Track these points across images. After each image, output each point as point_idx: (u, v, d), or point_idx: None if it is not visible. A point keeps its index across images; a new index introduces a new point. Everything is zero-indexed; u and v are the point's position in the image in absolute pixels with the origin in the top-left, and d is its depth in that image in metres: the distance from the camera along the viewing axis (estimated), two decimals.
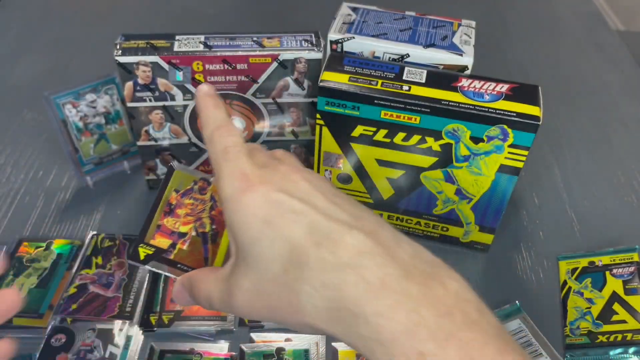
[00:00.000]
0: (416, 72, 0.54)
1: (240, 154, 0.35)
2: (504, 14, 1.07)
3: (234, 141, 0.36)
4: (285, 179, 0.34)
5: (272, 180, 0.34)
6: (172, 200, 0.48)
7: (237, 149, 0.36)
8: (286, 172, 0.35)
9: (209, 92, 0.39)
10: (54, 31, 0.96)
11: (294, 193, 0.33)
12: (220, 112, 0.38)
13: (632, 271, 0.57)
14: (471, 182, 0.56)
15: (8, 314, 0.41)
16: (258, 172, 0.34)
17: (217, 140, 0.36)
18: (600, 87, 0.89)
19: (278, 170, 0.35)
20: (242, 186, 0.33)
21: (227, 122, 0.38)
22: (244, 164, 0.35)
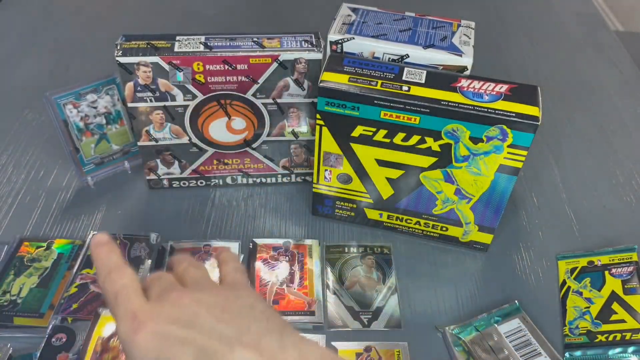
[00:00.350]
0: (416, 73, 0.54)
1: (130, 295, 0.36)
2: (504, 14, 1.07)
3: (123, 283, 0.37)
4: (173, 307, 0.35)
5: (160, 314, 0.34)
6: (97, 348, 0.50)
7: (126, 291, 0.36)
8: (175, 299, 0.35)
9: (100, 241, 0.40)
10: (55, 32, 0.96)
11: (180, 320, 0.34)
12: (111, 257, 0.39)
13: (631, 271, 0.57)
14: (470, 182, 0.57)
15: None
16: (146, 309, 0.35)
17: (108, 286, 0.37)
18: (599, 87, 0.90)
19: (167, 301, 0.35)
20: (133, 327, 0.34)
21: (117, 266, 0.38)
22: (133, 304, 0.35)
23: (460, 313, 0.57)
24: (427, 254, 0.63)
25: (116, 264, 0.38)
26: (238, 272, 0.41)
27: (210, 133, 0.64)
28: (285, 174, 0.69)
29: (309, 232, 0.65)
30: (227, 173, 0.68)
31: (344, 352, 0.53)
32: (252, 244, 0.62)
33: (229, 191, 0.69)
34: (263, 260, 0.60)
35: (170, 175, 0.67)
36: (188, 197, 0.68)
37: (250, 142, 0.65)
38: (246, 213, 0.67)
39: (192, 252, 0.60)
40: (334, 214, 0.65)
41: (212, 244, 0.61)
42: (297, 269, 0.60)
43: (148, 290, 0.38)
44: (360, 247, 0.63)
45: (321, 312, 0.56)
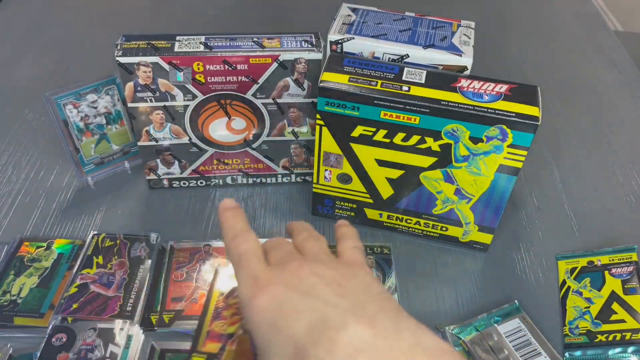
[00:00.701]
0: (416, 73, 0.54)
1: (252, 259, 0.38)
2: (504, 14, 1.07)
3: (246, 248, 0.38)
4: (292, 275, 0.36)
5: (280, 280, 0.35)
6: (218, 304, 0.50)
7: (249, 255, 0.38)
8: (294, 269, 0.36)
9: (228, 205, 0.42)
10: (55, 32, 0.96)
11: (298, 290, 0.35)
12: (237, 222, 0.41)
13: (631, 271, 0.57)
14: (470, 182, 0.57)
15: None
16: (267, 274, 0.36)
17: (233, 250, 0.39)
18: (598, 87, 0.90)
19: (287, 268, 0.36)
20: (253, 291, 0.35)
21: (243, 231, 0.40)
22: (255, 268, 0.37)
23: (460, 313, 0.57)
24: (427, 254, 0.63)
25: (241, 228, 0.40)
26: (356, 250, 0.42)
27: (210, 133, 0.64)
28: (285, 174, 0.69)
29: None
30: (227, 173, 0.68)
31: None
32: None
33: (229, 191, 0.69)
34: None
35: (170, 175, 0.67)
36: (188, 197, 0.68)
37: (250, 142, 0.65)
38: (246, 213, 0.67)
39: (192, 251, 0.60)
40: (334, 214, 0.65)
41: (212, 244, 0.61)
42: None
43: (268, 255, 0.39)
44: None
45: None
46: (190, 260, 0.60)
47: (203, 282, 0.58)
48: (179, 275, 0.58)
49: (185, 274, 0.58)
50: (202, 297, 0.56)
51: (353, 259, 0.41)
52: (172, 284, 0.57)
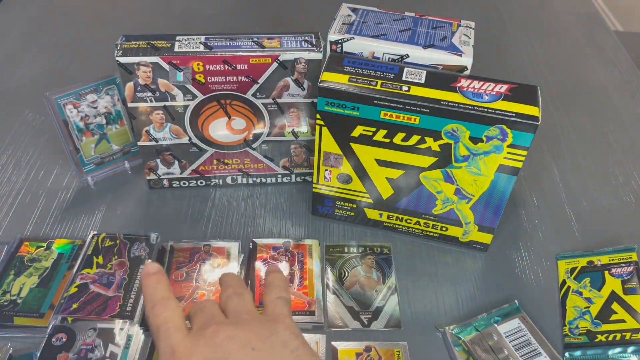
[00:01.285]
0: (415, 73, 0.54)
1: (170, 330, 0.37)
2: (503, 14, 1.07)
3: (166, 317, 0.38)
4: (209, 343, 0.36)
5: (196, 351, 0.36)
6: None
7: (167, 326, 0.38)
8: (211, 335, 0.37)
9: (149, 270, 0.41)
10: (55, 32, 0.96)
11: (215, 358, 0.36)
12: (157, 289, 0.40)
13: (631, 271, 0.57)
14: (470, 182, 0.57)
15: None
16: (185, 345, 0.36)
17: (151, 319, 0.39)
18: (598, 87, 0.90)
19: (204, 336, 0.37)
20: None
21: (162, 299, 0.39)
22: (173, 340, 0.37)
23: (460, 313, 0.57)
24: (427, 254, 0.63)
25: (161, 296, 0.40)
26: (280, 301, 0.41)
27: (210, 133, 0.64)
28: (285, 174, 0.69)
29: (309, 232, 0.65)
30: (227, 173, 0.68)
31: (344, 352, 0.53)
32: (252, 244, 0.62)
33: (229, 191, 0.69)
34: (263, 260, 0.61)
35: (170, 175, 0.67)
36: (188, 197, 0.68)
37: (250, 142, 0.65)
38: (246, 213, 0.67)
39: (192, 251, 0.61)
40: (334, 214, 0.65)
41: (212, 244, 0.61)
42: (297, 269, 0.60)
43: (192, 320, 0.39)
44: (360, 247, 0.63)
45: (321, 312, 0.56)
46: (190, 260, 0.60)
47: (203, 282, 0.58)
48: (179, 275, 0.58)
49: (185, 274, 0.58)
50: (202, 296, 0.56)
51: (275, 312, 0.41)
52: (172, 284, 0.57)
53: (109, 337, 0.52)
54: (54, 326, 0.53)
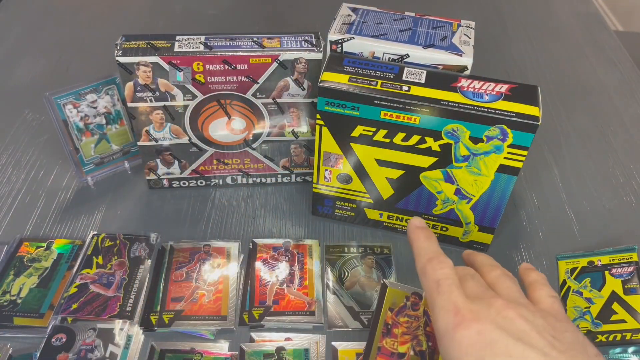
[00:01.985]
0: (416, 73, 0.54)
1: (452, 287, 0.36)
2: (504, 14, 1.07)
3: (446, 273, 0.37)
4: (500, 315, 0.34)
5: (486, 317, 0.34)
6: (388, 320, 0.49)
7: (449, 282, 0.36)
8: (500, 308, 0.35)
9: (420, 224, 0.41)
10: (55, 32, 0.96)
11: (509, 332, 0.33)
12: (431, 244, 0.40)
13: (631, 271, 0.57)
14: (470, 182, 0.57)
15: None
16: (471, 307, 0.35)
17: (430, 272, 0.38)
18: (599, 87, 0.90)
19: (492, 305, 0.35)
20: (455, 321, 0.34)
21: (439, 254, 0.39)
22: (457, 298, 0.35)
23: None
24: None
25: (436, 251, 0.39)
26: (556, 300, 0.39)
27: (210, 133, 0.64)
28: (285, 174, 0.69)
29: (309, 232, 0.65)
30: (227, 173, 0.68)
31: (344, 352, 0.53)
32: (252, 244, 0.62)
33: (229, 191, 0.69)
34: (263, 260, 0.60)
35: (170, 175, 0.67)
36: (188, 197, 0.68)
37: (250, 142, 0.65)
38: (246, 213, 0.67)
39: (191, 252, 0.61)
40: (334, 214, 0.65)
41: (212, 244, 0.61)
42: (297, 269, 0.60)
43: (463, 285, 0.37)
44: (360, 247, 0.63)
45: (321, 312, 0.56)
46: (190, 260, 0.60)
47: (203, 282, 0.58)
48: (179, 275, 0.58)
49: (185, 274, 0.58)
50: (202, 296, 0.56)
51: (555, 310, 0.38)
52: (172, 284, 0.57)
53: (109, 337, 0.52)
54: (53, 326, 0.53)
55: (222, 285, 0.57)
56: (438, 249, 0.39)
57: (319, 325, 0.55)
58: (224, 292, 0.57)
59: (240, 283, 0.58)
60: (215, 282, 0.58)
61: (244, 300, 0.57)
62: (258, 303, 0.56)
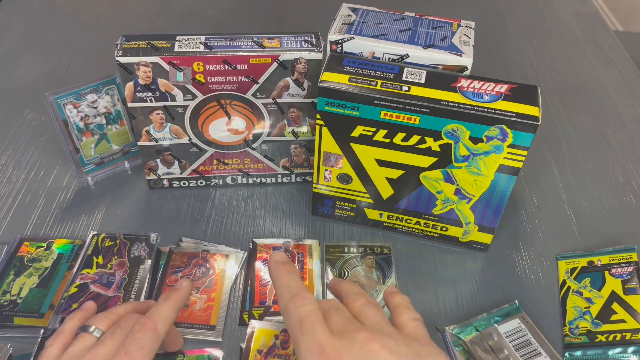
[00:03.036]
0: (416, 73, 0.54)
1: (316, 325, 0.35)
2: (503, 14, 1.07)
3: (308, 311, 0.36)
4: (363, 349, 0.34)
5: (350, 353, 0.34)
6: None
7: (312, 319, 0.36)
8: (364, 341, 0.34)
9: (280, 260, 0.40)
10: (55, 32, 0.96)
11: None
12: (292, 280, 0.39)
13: (631, 271, 0.57)
14: (470, 182, 0.57)
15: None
16: (335, 344, 0.34)
17: (292, 311, 0.37)
18: (598, 87, 0.90)
19: (355, 340, 0.35)
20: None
21: (301, 291, 0.38)
22: (320, 336, 0.35)
23: (460, 313, 0.57)
24: (427, 254, 0.63)
25: (298, 287, 0.38)
26: (419, 323, 0.40)
27: (210, 133, 0.64)
28: (285, 174, 0.69)
29: (309, 232, 0.65)
30: (227, 173, 0.68)
31: None
32: (252, 244, 0.62)
33: (229, 191, 0.69)
34: (263, 260, 0.60)
35: (170, 175, 0.67)
36: (188, 197, 0.68)
37: (250, 142, 0.65)
38: (246, 213, 0.67)
39: (189, 256, 0.60)
40: (334, 214, 0.65)
41: (211, 249, 0.61)
42: (297, 269, 0.60)
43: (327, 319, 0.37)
44: (360, 247, 0.63)
45: None
46: (187, 265, 0.59)
47: (196, 289, 0.57)
48: (173, 280, 0.58)
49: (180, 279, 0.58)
50: (194, 304, 0.56)
51: (417, 332, 0.38)
52: (165, 289, 0.57)
53: None
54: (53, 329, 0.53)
55: (215, 294, 0.57)
56: (300, 285, 0.38)
57: None
58: (215, 300, 0.56)
59: (239, 285, 0.58)
60: (208, 290, 0.57)
61: (244, 300, 0.57)
62: (258, 303, 0.56)
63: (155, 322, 0.43)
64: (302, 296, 0.37)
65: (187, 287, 0.49)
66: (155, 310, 0.45)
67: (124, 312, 0.47)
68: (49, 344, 0.44)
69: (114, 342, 0.42)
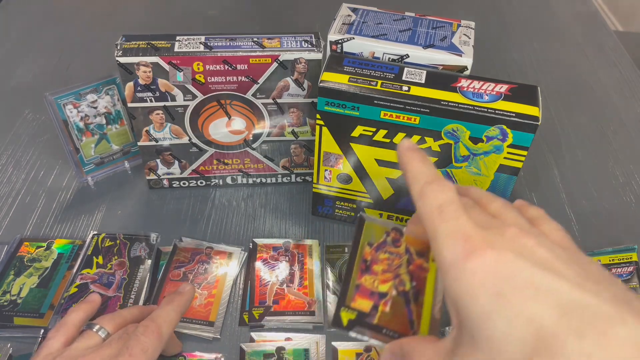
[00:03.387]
0: (415, 73, 0.54)
1: (459, 212, 0.31)
2: (504, 14, 1.07)
3: (450, 197, 0.32)
4: (516, 243, 0.29)
5: (502, 245, 0.29)
6: (367, 256, 0.43)
7: (454, 207, 0.31)
8: (516, 236, 0.30)
9: (412, 146, 0.36)
10: (55, 32, 0.96)
11: (531, 261, 0.28)
12: (429, 166, 0.35)
13: (631, 271, 0.57)
14: (470, 182, 0.57)
15: None
16: (483, 234, 0.30)
17: (430, 196, 0.32)
18: (599, 87, 0.90)
19: (505, 233, 0.30)
20: (466, 250, 0.29)
21: (439, 177, 0.34)
22: (465, 224, 0.30)
23: None
24: None
25: (436, 174, 0.34)
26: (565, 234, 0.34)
27: (210, 133, 0.64)
28: (285, 174, 0.69)
29: (309, 232, 0.65)
30: (227, 173, 0.68)
31: (344, 352, 0.53)
32: (252, 244, 0.62)
33: (229, 191, 0.69)
34: (263, 260, 0.61)
35: (170, 175, 0.67)
36: (188, 197, 0.68)
37: (250, 142, 0.65)
38: (246, 213, 0.67)
39: (193, 252, 0.61)
40: (334, 214, 0.65)
41: (215, 247, 0.61)
42: (297, 269, 0.60)
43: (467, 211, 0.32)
44: None
45: (321, 312, 0.56)
46: (190, 260, 0.60)
47: (197, 285, 0.57)
48: (177, 274, 0.58)
49: (182, 274, 0.58)
50: (195, 299, 0.56)
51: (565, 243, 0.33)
52: (168, 283, 0.57)
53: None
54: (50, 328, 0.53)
55: (215, 291, 0.57)
56: (437, 173, 0.34)
57: (319, 325, 0.55)
58: (216, 297, 0.57)
59: (239, 285, 0.58)
60: (209, 287, 0.57)
61: (244, 300, 0.57)
62: (258, 303, 0.56)
63: (160, 325, 0.44)
64: (442, 183, 0.33)
65: (190, 292, 0.49)
66: (159, 313, 0.45)
67: (129, 316, 0.47)
68: (52, 336, 0.44)
69: (121, 345, 0.42)
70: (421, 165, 0.35)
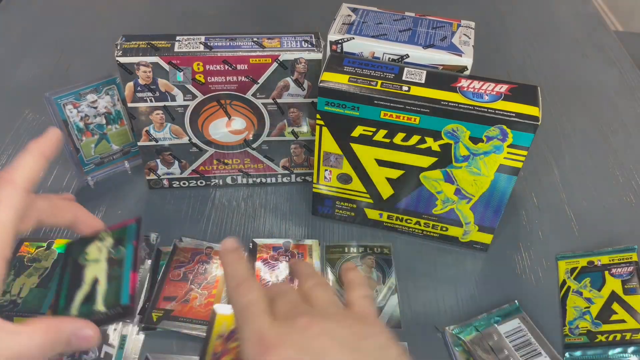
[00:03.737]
0: (416, 73, 0.54)
1: (257, 312, 0.35)
2: (504, 14, 1.07)
3: (251, 299, 0.36)
4: (302, 335, 0.34)
5: (289, 341, 0.34)
6: (217, 349, 0.46)
7: (254, 308, 0.36)
8: (303, 327, 0.34)
9: (230, 247, 0.40)
10: (55, 32, 0.96)
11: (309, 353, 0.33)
12: (239, 267, 0.39)
13: (631, 271, 0.57)
14: (470, 182, 0.57)
15: None
16: (274, 333, 0.34)
17: (236, 299, 0.37)
18: (599, 87, 0.90)
19: (295, 326, 0.35)
20: (259, 350, 0.33)
21: (246, 278, 0.38)
22: (261, 324, 0.35)
23: (460, 313, 0.57)
24: (427, 254, 0.63)
25: (244, 275, 0.38)
26: (367, 300, 0.40)
27: (210, 133, 0.64)
28: (285, 174, 0.69)
29: (309, 232, 0.65)
30: (227, 173, 0.68)
31: None
32: (252, 244, 0.62)
33: (229, 191, 0.69)
34: (263, 260, 0.60)
35: (170, 175, 0.67)
36: (188, 197, 0.68)
37: (250, 142, 0.65)
38: (246, 213, 0.67)
39: (193, 252, 0.60)
40: (334, 214, 0.65)
41: (214, 247, 0.61)
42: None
43: (273, 305, 0.37)
44: (360, 247, 0.63)
45: None
46: (190, 260, 0.60)
47: (197, 285, 0.57)
48: (176, 274, 0.58)
49: (182, 274, 0.58)
50: (194, 299, 0.56)
51: (364, 311, 0.39)
52: (168, 283, 0.57)
53: (103, 337, 0.52)
54: None
55: (215, 291, 0.57)
56: (245, 273, 0.38)
57: None
58: (216, 297, 0.56)
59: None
60: (209, 287, 0.57)
61: None
62: None
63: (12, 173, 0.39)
64: (246, 284, 0.37)
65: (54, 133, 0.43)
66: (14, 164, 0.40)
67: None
68: None
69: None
70: (235, 267, 0.39)
